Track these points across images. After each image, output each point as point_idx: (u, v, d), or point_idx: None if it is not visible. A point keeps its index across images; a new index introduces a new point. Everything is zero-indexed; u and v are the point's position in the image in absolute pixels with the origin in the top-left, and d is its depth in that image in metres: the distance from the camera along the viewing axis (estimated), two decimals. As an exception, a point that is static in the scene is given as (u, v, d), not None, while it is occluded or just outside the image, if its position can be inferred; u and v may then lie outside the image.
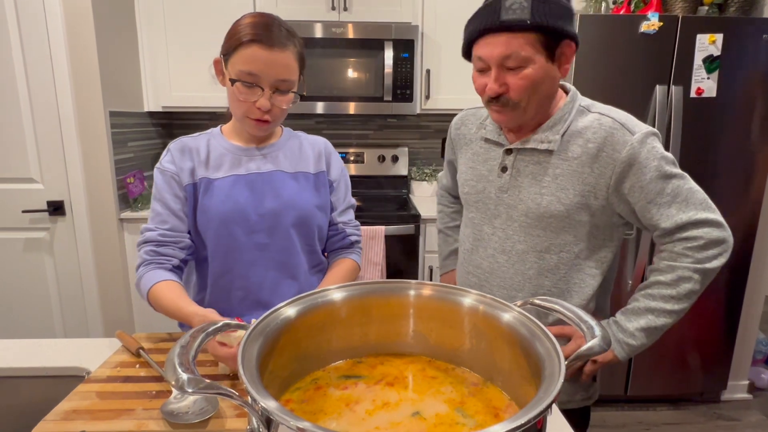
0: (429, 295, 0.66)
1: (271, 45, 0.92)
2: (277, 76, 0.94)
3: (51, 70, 1.96)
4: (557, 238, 0.95)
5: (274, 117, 0.98)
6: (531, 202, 0.95)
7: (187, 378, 0.42)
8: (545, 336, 0.53)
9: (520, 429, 0.38)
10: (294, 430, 0.38)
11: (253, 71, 0.92)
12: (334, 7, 2.25)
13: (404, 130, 2.77)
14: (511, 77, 0.87)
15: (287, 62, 0.94)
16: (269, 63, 0.92)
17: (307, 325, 0.61)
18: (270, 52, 0.92)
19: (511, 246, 0.99)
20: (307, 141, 1.13)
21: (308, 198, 1.07)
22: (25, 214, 2.06)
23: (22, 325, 2.17)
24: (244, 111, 0.96)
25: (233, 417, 0.73)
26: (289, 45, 0.94)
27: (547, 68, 0.87)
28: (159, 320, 2.27)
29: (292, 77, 0.96)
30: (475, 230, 1.06)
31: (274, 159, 1.06)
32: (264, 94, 0.94)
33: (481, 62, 0.89)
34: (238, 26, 0.95)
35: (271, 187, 1.04)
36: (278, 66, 0.93)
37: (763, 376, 2.37)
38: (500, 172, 1.00)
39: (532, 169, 0.96)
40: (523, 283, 0.99)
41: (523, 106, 0.90)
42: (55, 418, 0.72)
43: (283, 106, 0.98)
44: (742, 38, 1.87)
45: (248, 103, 0.95)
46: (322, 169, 1.11)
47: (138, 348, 0.92)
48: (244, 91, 0.94)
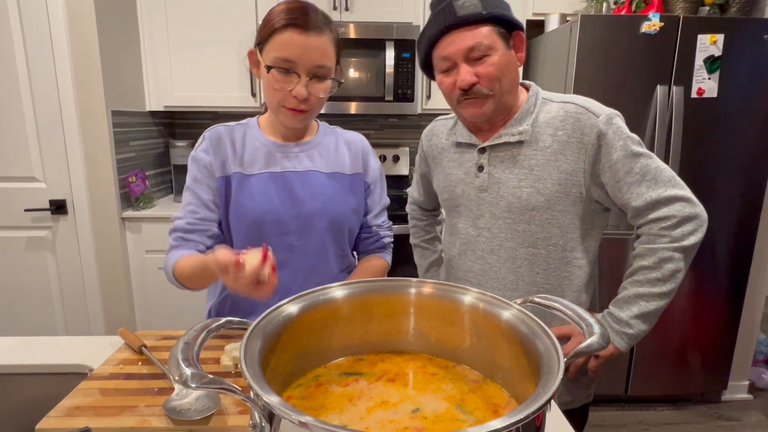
0: (429, 293, 0.67)
1: (307, 29, 0.88)
2: (314, 62, 0.90)
3: (53, 69, 1.97)
4: (542, 231, 0.97)
5: (310, 106, 0.94)
6: (511, 196, 0.97)
7: (191, 373, 0.43)
8: (545, 333, 0.53)
9: (519, 424, 0.39)
10: (296, 424, 0.39)
11: (289, 57, 0.88)
12: (336, 7, 2.26)
13: (405, 130, 2.77)
14: (479, 67, 0.91)
15: (324, 47, 0.90)
16: (306, 48, 0.88)
17: (308, 323, 0.61)
18: (306, 37, 0.88)
19: (498, 244, 1.00)
20: (344, 138, 1.09)
21: (343, 201, 1.04)
22: (27, 212, 2.06)
23: (24, 323, 2.18)
24: (279, 100, 0.93)
25: (235, 414, 0.74)
26: (325, 30, 0.90)
27: (508, 55, 0.92)
28: (160, 319, 2.29)
29: (329, 63, 0.92)
30: (461, 234, 1.07)
31: (311, 157, 1.03)
32: (300, 81, 0.90)
33: (447, 61, 0.93)
34: (272, 13, 0.91)
35: (307, 188, 1.00)
36: (315, 51, 0.89)
37: (763, 376, 2.37)
38: (477, 171, 1.01)
39: (507, 163, 0.98)
40: (517, 281, 1.00)
41: (495, 93, 0.93)
42: (58, 414, 0.72)
43: (321, 95, 0.93)
44: (743, 39, 1.87)
45: (284, 91, 0.91)
46: (358, 170, 1.08)
47: (140, 345, 0.92)
48: (279, 79, 0.90)
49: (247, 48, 1.00)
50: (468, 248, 1.05)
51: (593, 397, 1.10)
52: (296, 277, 1.01)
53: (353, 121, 2.71)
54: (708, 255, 2.07)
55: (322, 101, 0.96)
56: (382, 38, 2.23)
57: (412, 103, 2.31)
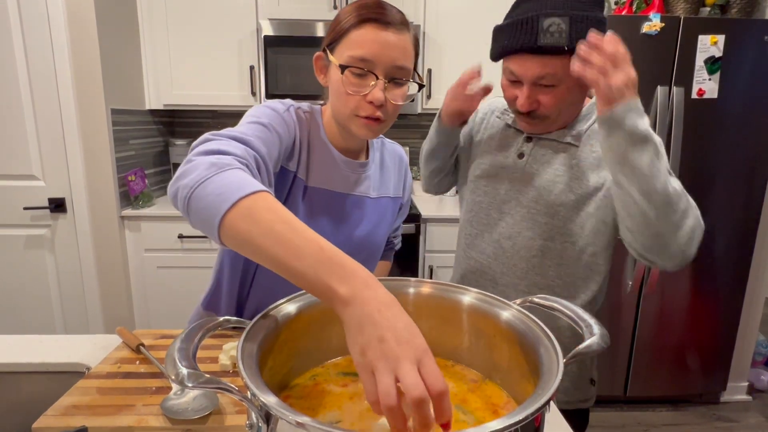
0: (428, 293, 0.66)
1: (386, 25, 0.78)
2: (394, 61, 0.79)
3: (53, 67, 1.97)
4: (564, 228, 0.96)
5: (386, 114, 0.82)
6: (543, 189, 0.97)
7: (187, 372, 0.42)
8: (544, 334, 0.53)
9: (518, 425, 0.38)
10: (293, 424, 0.38)
11: (367, 56, 0.77)
12: (336, 7, 2.26)
13: (405, 130, 2.77)
14: (543, 95, 0.89)
15: (405, 45, 0.80)
16: (385, 45, 0.77)
17: (306, 322, 0.61)
18: (386, 33, 0.77)
19: (517, 232, 1.00)
20: (388, 152, 1.01)
21: (383, 232, 0.98)
22: (26, 211, 2.06)
23: (23, 321, 2.18)
24: (352, 108, 0.81)
25: (233, 413, 0.73)
26: (405, 27, 0.80)
27: (578, 83, 0.86)
28: (159, 318, 2.29)
29: (409, 64, 0.82)
30: (482, 214, 1.06)
31: (365, 180, 0.94)
32: (377, 84, 0.79)
33: (513, 76, 0.91)
34: (343, 12, 0.82)
35: (355, 216, 0.92)
36: (395, 49, 0.78)
37: (762, 377, 2.37)
38: (516, 158, 1.01)
39: (549, 157, 0.98)
40: (527, 270, 1.00)
41: (553, 118, 0.93)
42: (55, 413, 0.72)
43: (399, 101, 0.82)
44: (743, 40, 1.87)
45: (358, 97, 0.80)
46: (399, 194, 1.02)
47: (138, 344, 0.92)
48: (354, 82, 0.79)
49: (247, 47, 0.98)
50: (485, 230, 1.06)
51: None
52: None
53: (353, 121, 2.71)
54: (708, 256, 2.07)
55: (398, 110, 0.84)
56: (382, 38, 2.22)
57: (412, 103, 2.31)
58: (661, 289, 2.09)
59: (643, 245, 0.83)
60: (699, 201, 0.91)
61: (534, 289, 0.99)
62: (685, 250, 0.81)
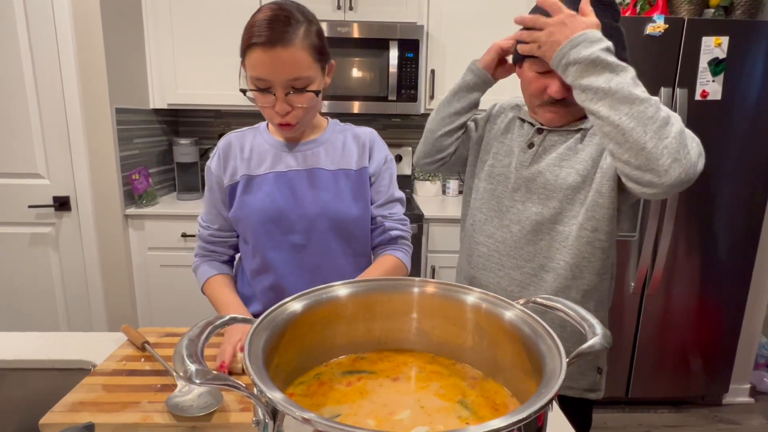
0: (432, 293, 0.67)
1: (271, 45, 0.84)
2: (287, 76, 0.86)
3: (58, 66, 1.98)
4: (572, 209, 0.99)
5: (297, 118, 0.92)
6: (549, 174, 1.00)
7: (195, 369, 0.43)
8: (547, 333, 0.53)
9: (521, 423, 0.39)
10: (299, 420, 0.39)
11: (261, 76, 0.86)
12: (340, 7, 2.26)
13: (408, 130, 2.77)
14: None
15: (294, 59, 0.86)
16: (274, 65, 0.85)
17: (312, 320, 0.62)
18: (272, 53, 0.84)
19: (526, 217, 1.03)
20: (352, 133, 1.07)
21: (346, 201, 1.02)
22: (30, 209, 2.07)
23: (27, 319, 2.19)
24: (268, 117, 0.94)
25: (237, 411, 0.74)
26: (293, 38, 0.85)
27: None
28: (162, 316, 2.29)
29: (305, 73, 0.88)
30: (492, 201, 1.09)
31: (316, 155, 1.02)
32: (278, 99, 0.88)
33: (543, 67, 0.94)
34: (245, 28, 0.89)
35: (310, 186, 1.00)
36: (284, 66, 0.85)
37: (765, 380, 2.37)
38: (526, 147, 1.04)
39: (558, 146, 1.01)
40: (534, 253, 1.02)
41: (579, 107, 0.93)
42: (62, 409, 0.73)
43: (304, 105, 0.90)
44: (747, 41, 1.87)
45: (268, 109, 0.91)
46: (364, 164, 1.05)
47: (143, 342, 0.92)
48: (260, 98, 0.90)
49: None
50: (496, 216, 1.08)
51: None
52: (303, 275, 1.02)
53: (356, 121, 2.70)
54: (711, 258, 2.07)
55: (310, 110, 0.93)
56: (385, 38, 2.23)
57: (415, 103, 2.31)
58: (664, 290, 2.09)
59: (632, 165, 0.81)
60: (702, 202, 0.91)
61: (540, 272, 1.01)
62: (680, 159, 0.77)
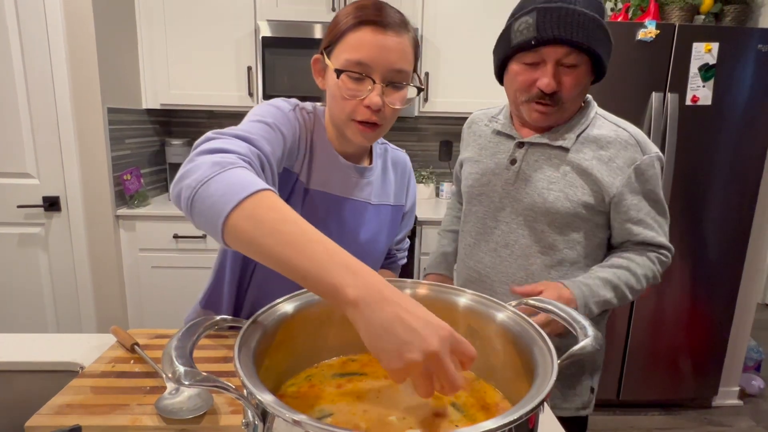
0: (424, 294, 0.67)
1: (384, 27, 0.75)
2: (393, 65, 0.76)
3: (49, 65, 1.96)
4: (561, 234, 0.97)
5: (383, 119, 0.80)
6: (537, 196, 0.97)
7: (184, 370, 0.42)
8: (538, 335, 0.53)
9: (512, 425, 0.39)
10: (290, 422, 0.39)
11: (363, 59, 0.75)
12: (334, 8, 2.26)
13: (402, 132, 2.77)
14: (566, 76, 0.91)
15: (404, 48, 0.77)
16: (383, 48, 0.75)
17: (303, 322, 0.61)
18: (384, 36, 0.75)
19: (514, 240, 1.01)
20: (391, 158, 0.99)
21: (383, 240, 0.96)
22: (20, 209, 2.05)
23: (15, 320, 2.16)
24: (349, 113, 0.79)
25: (227, 413, 0.73)
26: (404, 29, 0.78)
27: (589, 69, 0.93)
28: (152, 317, 2.27)
29: (408, 68, 0.79)
30: (478, 224, 1.07)
31: (367, 185, 0.91)
32: (375, 89, 0.77)
33: (535, 58, 0.91)
34: (341, 13, 0.80)
35: (356, 222, 0.90)
36: (394, 52, 0.76)
37: (753, 382, 2.39)
38: (509, 164, 1.01)
39: (542, 163, 0.98)
40: (526, 279, 1.00)
41: (567, 105, 0.94)
42: (48, 412, 0.72)
43: (397, 105, 0.80)
44: (737, 47, 1.90)
45: (355, 101, 0.78)
46: (401, 202, 1.00)
47: (133, 344, 0.91)
48: (350, 86, 0.77)
49: (245, 48, 0.97)
50: (482, 239, 1.06)
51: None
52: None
53: (350, 123, 2.71)
54: (700, 261, 2.08)
55: (396, 115, 0.82)
56: (380, 40, 2.23)
57: (409, 106, 2.31)
58: (654, 293, 2.11)
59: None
60: (692, 207, 0.93)
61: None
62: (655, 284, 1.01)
